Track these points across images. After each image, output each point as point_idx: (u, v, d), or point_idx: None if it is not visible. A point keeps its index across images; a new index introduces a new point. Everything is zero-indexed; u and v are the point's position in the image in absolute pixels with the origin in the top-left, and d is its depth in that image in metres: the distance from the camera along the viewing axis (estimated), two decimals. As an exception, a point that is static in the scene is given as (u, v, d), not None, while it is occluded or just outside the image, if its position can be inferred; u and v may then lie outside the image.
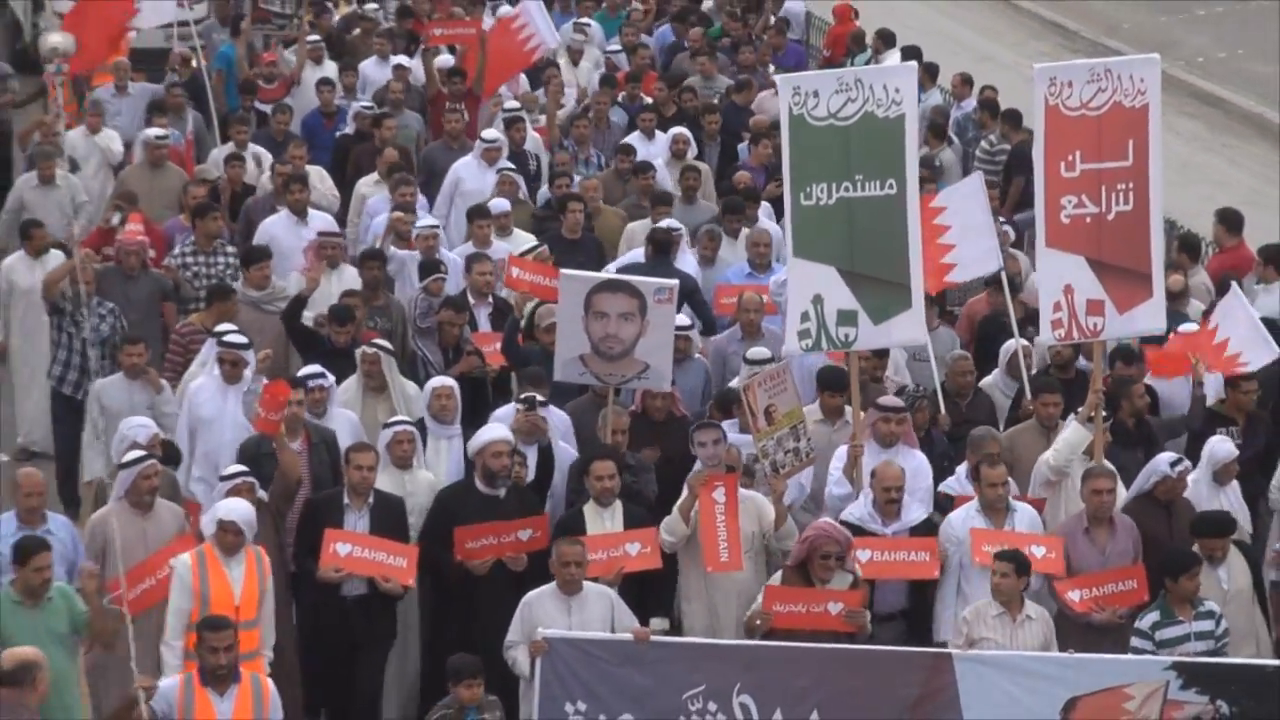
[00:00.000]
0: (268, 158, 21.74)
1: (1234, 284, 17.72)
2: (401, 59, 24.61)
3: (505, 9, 25.94)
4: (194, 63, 24.26)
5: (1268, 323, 17.16)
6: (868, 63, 27.64)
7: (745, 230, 19.80)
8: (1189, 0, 40.43)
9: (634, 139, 22.74)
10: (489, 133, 21.71)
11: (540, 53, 24.51)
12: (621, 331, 15.16)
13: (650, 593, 14.05)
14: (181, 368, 16.72)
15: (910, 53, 26.95)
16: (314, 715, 14.66)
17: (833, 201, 14.76)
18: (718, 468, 14.34)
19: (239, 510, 13.53)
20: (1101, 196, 14.79)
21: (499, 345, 17.04)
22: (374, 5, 27.61)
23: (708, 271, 19.32)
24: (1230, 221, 20.40)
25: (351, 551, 14.19)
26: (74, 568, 13.53)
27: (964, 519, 14.38)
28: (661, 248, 18.87)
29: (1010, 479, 14.78)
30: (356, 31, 26.55)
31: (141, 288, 18.26)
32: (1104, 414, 15.07)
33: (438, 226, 18.95)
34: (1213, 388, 16.45)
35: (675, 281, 15.96)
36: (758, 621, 13.48)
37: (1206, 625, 13.63)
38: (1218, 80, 35.50)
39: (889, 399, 15.30)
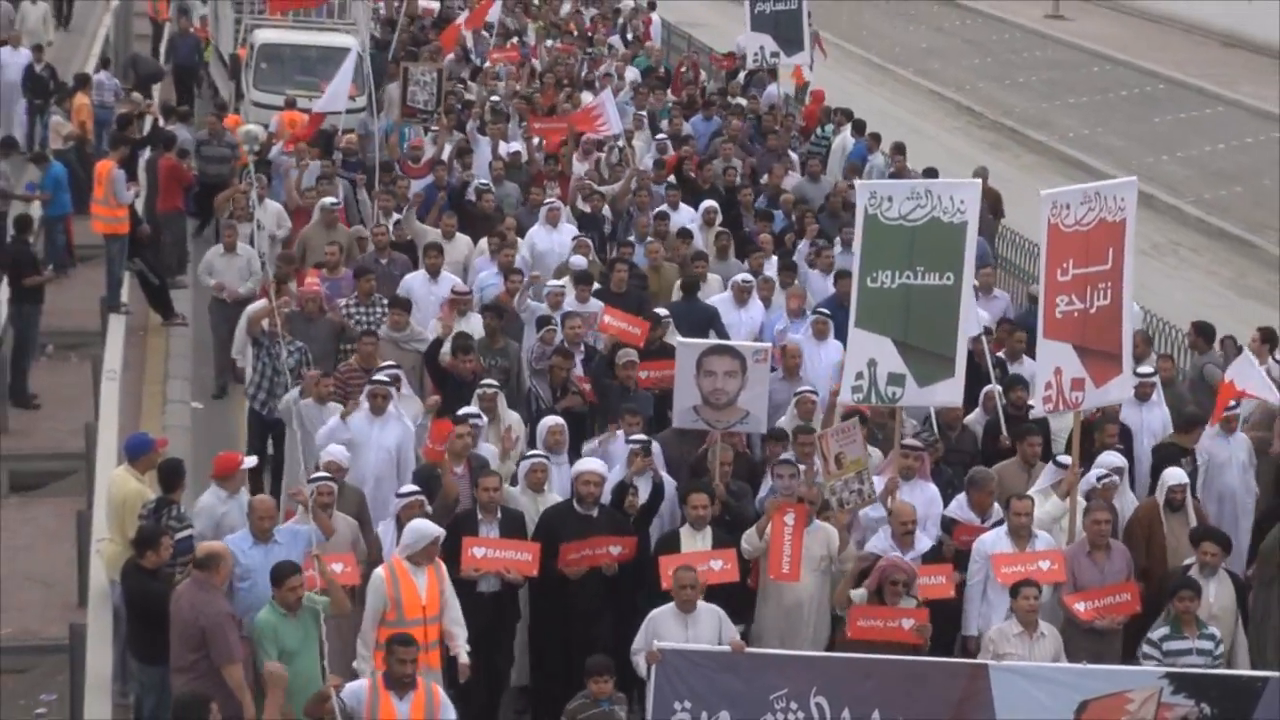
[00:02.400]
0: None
1: (1245, 349, 16.24)
2: (515, 145, 22.89)
3: (589, 97, 24.60)
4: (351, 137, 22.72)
5: None
6: (834, 133, 26.47)
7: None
8: (1063, 92, 39.71)
9: (664, 209, 20.84)
10: (549, 199, 20.04)
11: (605, 131, 22.72)
12: (727, 386, 13.67)
13: (729, 602, 12.45)
14: (342, 400, 15.06)
15: (858, 125, 26.12)
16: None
17: (895, 286, 13.20)
18: (790, 496, 12.87)
19: (439, 528, 12.15)
20: (1087, 295, 13.23)
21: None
22: (496, 98, 25.75)
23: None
24: None
25: (486, 553, 12.74)
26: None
27: (994, 540, 12.89)
28: (689, 290, 17.74)
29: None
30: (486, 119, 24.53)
31: (320, 329, 16.72)
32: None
33: (564, 286, 17.22)
34: None
35: (769, 345, 14.57)
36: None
37: (1207, 645, 12.24)
38: (1083, 150, 34.83)
39: (910, 440, 13.88)
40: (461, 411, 14.10)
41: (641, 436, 13.85)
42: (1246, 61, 41.22)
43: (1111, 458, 13.88)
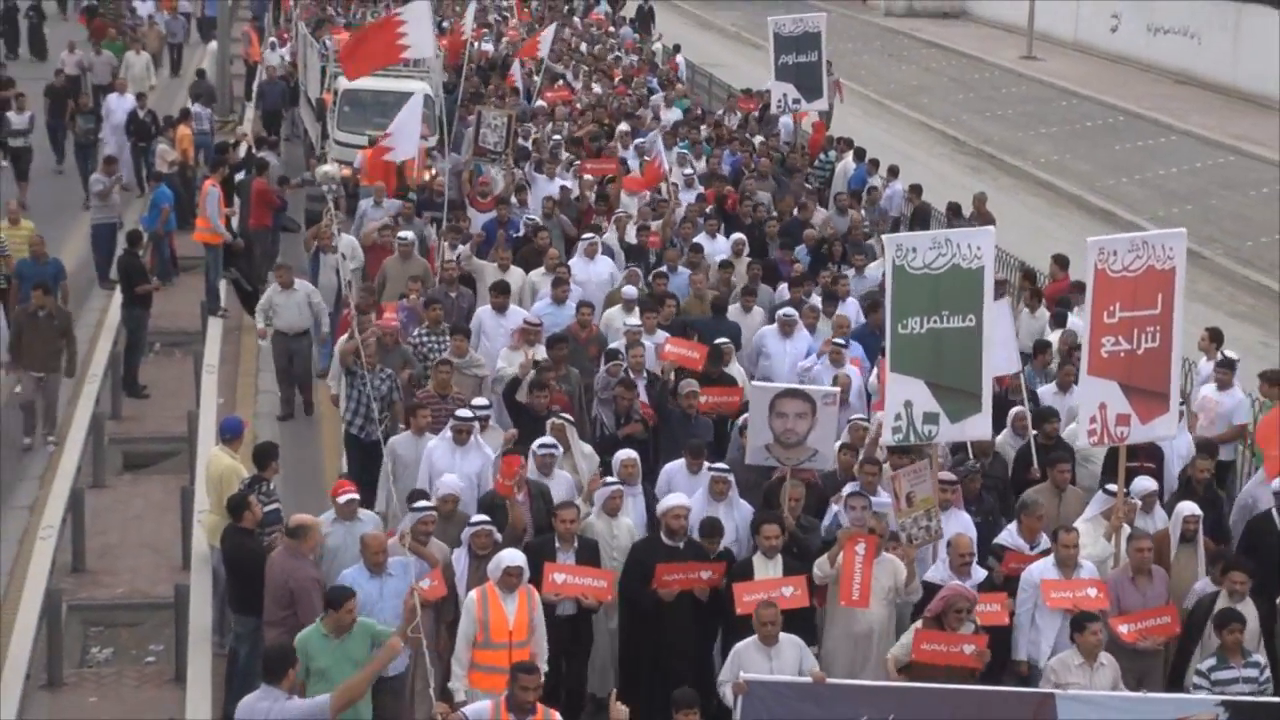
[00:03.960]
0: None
1: None
2: (567, 181, 21.50)
3: (641, 142, 23.24)
4: (428, 176, 21.44)
5: None
6: (836, 159, 25.46)
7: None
8: (1036, 123, 38.48)
9: (702, 238, 19.40)
10: (586, 235, 18.60)
11: (660, 171, 21.46)
12: (797, 427, 12.37)
13: (801, 626, 11.22)
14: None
15: (859, 152, 25.20)
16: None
17: (924, 331, 11.89)
18: (862, 528, 11.64)
19: (521, 558, 11.01)
20: (1134, 337, 12.03)
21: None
22: (558, 137, 24.39)
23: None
24: (1061, 262, 19.11)
25: (565, 579, 11.57)
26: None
27: (1042, 569, 11.62)
28: (717, 309, 16.66)
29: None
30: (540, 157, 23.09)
31: (394, 359, 15.50)
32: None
33: (641, 325, 15.75)
34: None
35: (837, 390, 13.24)
36: (905, 663, 10.78)
37: (1252, 673, 10.99)
38: (1053, 174, 33.61)
39: (944, 474, 12.52)
40: (538, 441, 12.91)
41: (722, 466, 12.65)
42: (1195, 96, 40.52)
43: (1146, 482, 12.70)
